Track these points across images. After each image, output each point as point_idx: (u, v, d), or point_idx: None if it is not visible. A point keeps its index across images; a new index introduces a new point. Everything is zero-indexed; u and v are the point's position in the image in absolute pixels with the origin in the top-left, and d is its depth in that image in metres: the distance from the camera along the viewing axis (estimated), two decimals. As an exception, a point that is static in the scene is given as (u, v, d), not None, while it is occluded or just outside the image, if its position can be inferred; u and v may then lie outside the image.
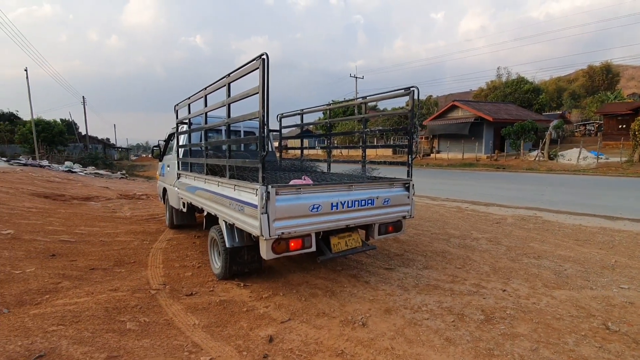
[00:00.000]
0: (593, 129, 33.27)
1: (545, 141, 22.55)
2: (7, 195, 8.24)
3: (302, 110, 5.85)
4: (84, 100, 40.67)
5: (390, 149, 29.52)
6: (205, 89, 4.01)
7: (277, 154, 6.65)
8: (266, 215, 2.84)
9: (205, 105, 4.09)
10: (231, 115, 3.54)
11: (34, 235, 5.26)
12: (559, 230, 6.00)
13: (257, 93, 2.81)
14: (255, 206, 2.89)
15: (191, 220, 6.18)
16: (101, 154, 38.37)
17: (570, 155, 21.17)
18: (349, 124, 30.98)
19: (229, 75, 3.40)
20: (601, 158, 19.87)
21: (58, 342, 2.41)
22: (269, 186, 2.85)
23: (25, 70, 26.46)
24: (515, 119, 26.12)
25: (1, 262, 3.96)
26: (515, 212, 7.71)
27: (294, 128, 6.73)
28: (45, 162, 23.31)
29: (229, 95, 3.45)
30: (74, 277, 3.76)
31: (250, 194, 3.05)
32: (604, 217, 6.92)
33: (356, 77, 38.36)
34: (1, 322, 2.67)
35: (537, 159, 22.12)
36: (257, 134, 6.46)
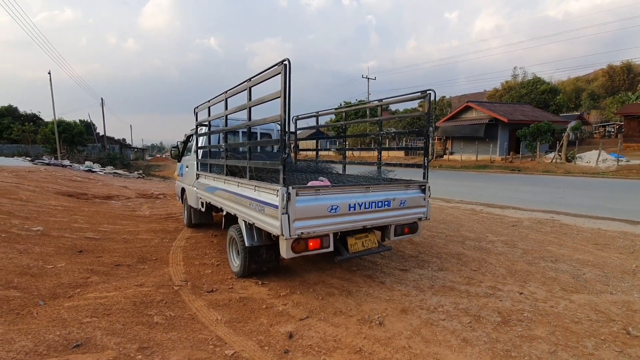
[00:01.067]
0: (613, 130, 32.26)
1: (562, 143, 22.01)
2: (34, 193, 8.62)
3: (318, 112, 5.94)
4: (102, 101, 41.93)
5: (402, 151, 29.37)
6: (226, 92, 4.13)
7: (292, 155, 6.76)
8: (287, 215, 2.93)
9: (226, 108, 4.21)
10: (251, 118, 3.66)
11: (61, 232, 5.51)
12: (577, 234, 5.90)
13: (279, 97, 2.91)
14: (276, 206, 2.99)
15: (209, 220, 6.34)
16: (119, 154, 39.41)
17: (589, 157, 20.59)
18: (361, 125, 30.95)
19: (250, 79, 3.51)
20: (622, 160, 19.25)
21: (93, 333, 2.56)
22: (290, 187, 2.95)
23: (49, 73, 27.47)
24: (531, 120, 25.58)
25: (34, 257, 4.18)
26: (532, 215, 7.61)
27: (305, 129, 6.83)
28: (67, 162, 24.13)
29: (250, 99, 3.56)
30: (101, 272, 3.95)
31: (270, 194, 3.15)
32: (625, 221, 6.77)
33: (368, 78, 38.28)
34: (39, 313, 2.85)
35: (554, 161, 21.61)
36: (273, 136, 6.54)
